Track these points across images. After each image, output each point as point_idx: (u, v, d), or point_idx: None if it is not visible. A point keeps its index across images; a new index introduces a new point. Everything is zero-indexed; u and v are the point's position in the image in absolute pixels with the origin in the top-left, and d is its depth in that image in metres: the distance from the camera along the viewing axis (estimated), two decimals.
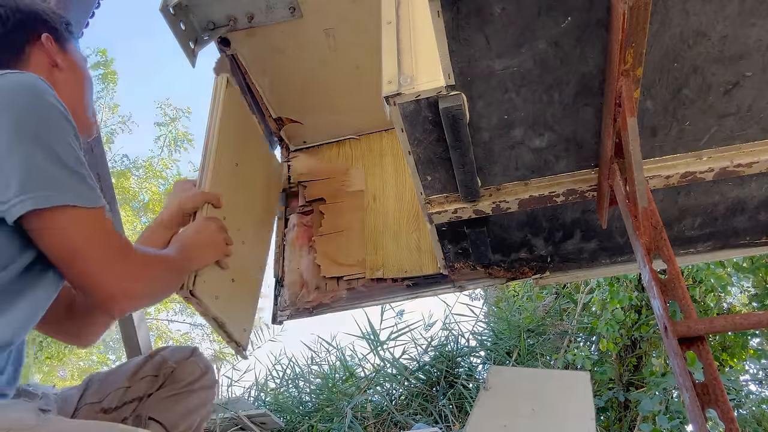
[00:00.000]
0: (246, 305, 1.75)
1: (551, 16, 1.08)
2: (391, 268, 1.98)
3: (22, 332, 1.04)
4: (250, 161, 1.90)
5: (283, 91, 2.10)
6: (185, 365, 1.37)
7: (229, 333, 1.63)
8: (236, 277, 1.66)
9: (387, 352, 5.08)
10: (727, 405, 0.87)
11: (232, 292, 1.63)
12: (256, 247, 1.87)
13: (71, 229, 0.98)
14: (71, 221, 0.98)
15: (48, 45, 1.24)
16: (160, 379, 1.33)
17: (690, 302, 0.98)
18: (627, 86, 1.10)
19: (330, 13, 1.84)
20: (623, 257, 1.79)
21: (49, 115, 1.01)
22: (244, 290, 1.73)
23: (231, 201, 1.67)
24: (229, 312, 1.60)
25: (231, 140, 1.76)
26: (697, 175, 1.35)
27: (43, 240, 0.98)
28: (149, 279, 1.12)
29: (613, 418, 5.41)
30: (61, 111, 1.03)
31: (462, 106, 1.20)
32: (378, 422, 4.36)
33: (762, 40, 1.14)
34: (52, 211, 0.96)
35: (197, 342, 12.28)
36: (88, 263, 0.99)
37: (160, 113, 11.99)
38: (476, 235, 1.62)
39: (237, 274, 1.66)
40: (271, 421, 4.00)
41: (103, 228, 1.03)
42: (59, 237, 0.97)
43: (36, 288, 1.04)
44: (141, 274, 1.09)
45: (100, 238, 1.01)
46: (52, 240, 0.98)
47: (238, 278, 1.67)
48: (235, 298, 1.66)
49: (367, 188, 2.16)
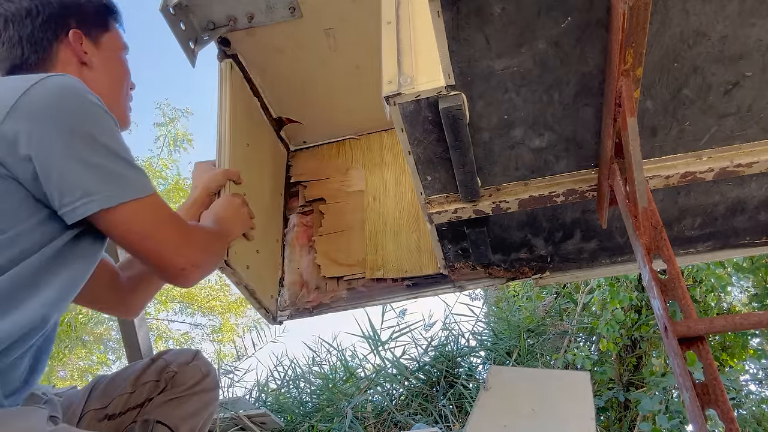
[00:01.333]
0: (271, 274, 1.95)
1: (551, 16, 1.08)
2: (391, 268, 1.97)
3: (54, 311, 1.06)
4: (259, 140, 2.03)
5: (283, 91, 2.10)
6: (187, 369, 1.38)
7: (260, 300, 1.82)
8: (260, 249, 1.84)
9: (388, 352, 5.08)
10: (727, 405, 0.87)
11: (258, 262, 1.81)
12: (272, 220, 2.06)
13: (137, 220, 1.07)
14: (135, 213, 1.06)
15: (75, 43, 1.23)
16: (161, 384, 1.35)
17: (690, 302, 0.98)
18: (627, 86, 1.10)
19: (330, 13, 1.84)
20: (623, 257, 1.79)
21: (95, 113, 1.05)
22: (267, 260, 1.92)
23: (246, 178, 1.82)
24: (258, 280, 1.78)
25: (241, 121, 1.87)
26: (697, 175, 1.35)
27: (112, 233, 1.07)
28: (208, 250, 1.25)
29: (613, 418, 5.41)
30: (101, 107, 1.07)
31: (462, 106, 1.20)
32: (378, 422, 4.36)
33: (762, 40, 1.14)
34: (117, 208, 1.04)
35: (197, 342, 12.29)
36: (158, 245, 1.09)
37: (159, 113, 11.99)
38: (476, 235, 1.62)
39: (260, 245, 1.85)
40: (271, 421, 4.00)
41: (165, 212, 1.13)
42: (128, 229, 1.06)
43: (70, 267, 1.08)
44: (202, 247, 1.21)
45: (165, 221, 1.12)
46: (121, 232, 1.06)
47: (261, 249, 1.85)
48: (262, 268, 1.84)
49: (367, 188, 2.16)
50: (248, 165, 1.88)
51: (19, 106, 0.98)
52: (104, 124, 1.06)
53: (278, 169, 2.22)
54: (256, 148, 1.99)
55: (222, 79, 1.86)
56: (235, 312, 12.16)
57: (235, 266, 1.62)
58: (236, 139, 1.80)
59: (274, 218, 2.11)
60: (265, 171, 2.07)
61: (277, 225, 2.12)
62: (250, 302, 1.83)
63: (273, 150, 2.19)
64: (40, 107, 1.00)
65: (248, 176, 1.85)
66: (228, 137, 1.75)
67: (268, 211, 2.03)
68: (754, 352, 5.56)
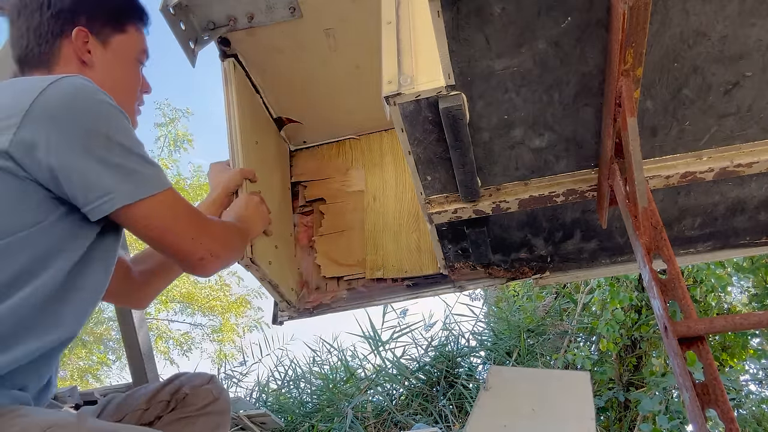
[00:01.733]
0: (289, 267, 2.00)
1: (551, 16, 1.08)
2: (391, 268, 1.97)
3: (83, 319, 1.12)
4: (265, 137, 2.06)
5: (283, 91, 2.10)
6: (199, 391, 1.40)
7: (282, 293, 1.87)
8: (278, 244, 1.90)
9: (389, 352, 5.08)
10: (727, 405, 0.87)
11: (278, 257, 1.86)
12: (284, 215, 2.10)
13: (156, 214, 1.10)
14: (155, 207, 1.09)
15: (78, 41, 1.21)
16: (171, 404, 1.37)
17: (690, 302, 0.98)
18: (627, 86, 1.10)
19: (330, 13, 1.84)
20: (623, 257, 1.79)
21: (108, 113, 1.07)
22: (285, 255, 1.97)
23: (258, 175, 1.85)
24: (280, 275, 1.85)
25: (248, 120, 1.90)
26: (697, 175, 1.35)
27: (133, 228, 1.10)
28: (226, 241, 1.27)
29: (613, 418, 5.41)
30: (113, 105, 1.09)
31: (462, 106, 1.20)
32: (378, 422, 4.36)
33: (762, 40, 1.14)
34: (137, 204, 1.06)
35: (197, 342, 12.29)
36: (178, 238, 1.13)
37: (159, 114, 11.99)
38: (476, 235, 1.62)
39: (277, 241, 1.90)
40: (271, 421, 4.01)
41: (182, 204, 1.15)
42: (148, 223, 1.09)
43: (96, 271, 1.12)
44: (220, 238, 1.23)
45: (182, 214, 1.14)
46: (141, 227, 1.09)
47: (279, 244, 1.91)
48: (282, 262, 1.90)
49: (367, 188, 2.16)
50: (259, 162, 1.91)
51: (34, 109, 1.00)
52: (118, 122, 1.08)
53: (284, 165, 2.24)
54: (264, 146, 2.01)
55: (227, 79, 1.87)
56: (235, 312, 12.16)
57: (260, 263, 1.68)
58: (246, 136, 1.82)
59: (286, 213, 2.15)
60: (274, 168, 2.09)
61: (289, 220, 2.16)
62: (273, 296, 1.90)
63: (278, 148, 2.21)
64: (56, 110, 1.01)
65: (260, 173, 1.88)
66: (239, 135, 1.77)
67: (280, 206, 2.07)
68: (754, 352, 5.56)
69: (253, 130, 1.93)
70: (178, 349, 12.03)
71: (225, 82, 1.86)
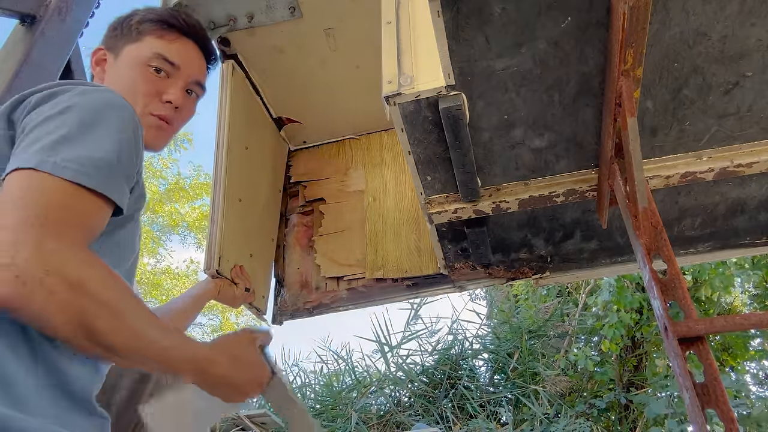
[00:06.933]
0: (263, 276, 1.98)
1: (551, 16, 1.08)
2: (391, 268, 1.97)
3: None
4: (259, 141, 2.05)
5: (283, 91, 2.10)
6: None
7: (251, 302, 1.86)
8: (254, 252, 1.89)
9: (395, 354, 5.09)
10: (727, 405, 0.86)
11: (251, 266, 1.85)
12: (267, 221, 2.09)
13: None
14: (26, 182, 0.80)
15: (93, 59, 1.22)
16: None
17: (690, 302, 0.98)
18: (627, 86, 1.10)
19: (330, 13, 1.84)
20: (623, 257, 1.79)
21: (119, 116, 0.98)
22: (260, 263, 1.95)
23: (244, 182, 1.87)
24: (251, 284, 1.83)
25: (240, 124, 1.90)
26: (697, 175, 1.35)
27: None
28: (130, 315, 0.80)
29: (614, 419, 5.40)
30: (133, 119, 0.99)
31: (462, 106, 1.20)
32: (381, 423, 4.37)
33: (762, 40, 1.13)
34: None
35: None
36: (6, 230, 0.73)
37: None
38: (476, 235, 1.62)
39: (254, 249, 1.90)
40: (271, 422, 4.01)
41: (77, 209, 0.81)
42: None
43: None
44: (122, 302, 0.79)
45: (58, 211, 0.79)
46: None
47: (255, 253, 1.90)
48: (255, 271, 1.88)
49: (367, 188, 2.16)
50: (246, 168, 1.91)
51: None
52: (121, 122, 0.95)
53: (279, 165, 2.23)
54: (256, 148, 2.00)
55: (223, 82, 1.87)
56: (235, 311, 12.17)
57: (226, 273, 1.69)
58: (234, 144, 1.83)
59: (271, 215, 2.13)
60: (264, 169, 2.08)
61: (274, 221, 2.15)
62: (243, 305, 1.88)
63: (274, 147, 2.20)
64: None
65: (246, 179, 1.89)
66: (226, 143, 1.78)
67: (264, 209, 2.05)
68: (755, 353, 5.55)
69: (245, 135, 1.93)
70: None
71: (220, 87, 1.87)
